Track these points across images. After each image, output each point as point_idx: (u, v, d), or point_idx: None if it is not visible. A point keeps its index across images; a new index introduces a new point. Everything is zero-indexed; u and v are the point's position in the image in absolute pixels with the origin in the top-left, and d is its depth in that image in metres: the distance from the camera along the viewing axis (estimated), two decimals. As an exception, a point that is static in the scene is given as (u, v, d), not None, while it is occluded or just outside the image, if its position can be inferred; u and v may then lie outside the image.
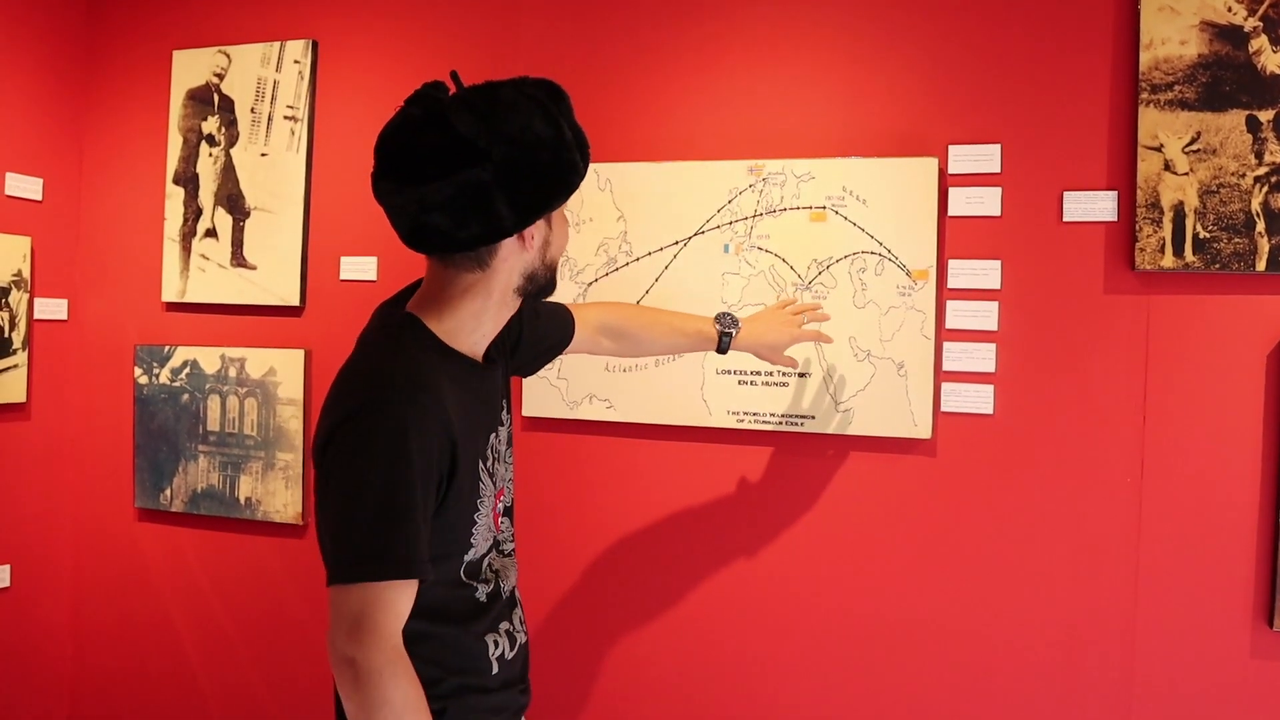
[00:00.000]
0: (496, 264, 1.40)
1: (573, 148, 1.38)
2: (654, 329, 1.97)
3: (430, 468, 1.31)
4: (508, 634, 1.54)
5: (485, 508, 1.46)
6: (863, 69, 2.20)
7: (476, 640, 1.47)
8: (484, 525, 1.47)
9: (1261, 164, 1.91)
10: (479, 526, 1.45)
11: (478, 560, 1.48)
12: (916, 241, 2.12)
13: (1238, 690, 1.97)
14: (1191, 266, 1.95)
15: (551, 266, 1.48)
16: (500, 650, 1.51)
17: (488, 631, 1.49)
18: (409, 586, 1.29)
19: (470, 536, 1.43)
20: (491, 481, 1.48)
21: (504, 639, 1.52)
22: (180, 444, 2.73)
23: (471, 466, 1.42)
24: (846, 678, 2.21)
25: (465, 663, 1.46)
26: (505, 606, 1.54)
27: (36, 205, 2.77)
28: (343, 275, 2.60)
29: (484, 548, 1.48)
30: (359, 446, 1.29)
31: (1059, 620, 2.07)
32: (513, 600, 1.58)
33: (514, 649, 1.55)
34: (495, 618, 1.51)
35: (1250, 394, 1.96)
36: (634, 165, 2.32)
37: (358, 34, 2.61)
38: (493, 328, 1.48)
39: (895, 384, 2.13)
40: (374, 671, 1.26)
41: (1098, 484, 2.04)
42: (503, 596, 1.53)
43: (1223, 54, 1.93)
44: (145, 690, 2.83)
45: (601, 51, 2.39)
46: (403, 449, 1.28)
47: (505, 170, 1.32)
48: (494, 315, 1.46)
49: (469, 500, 1.42)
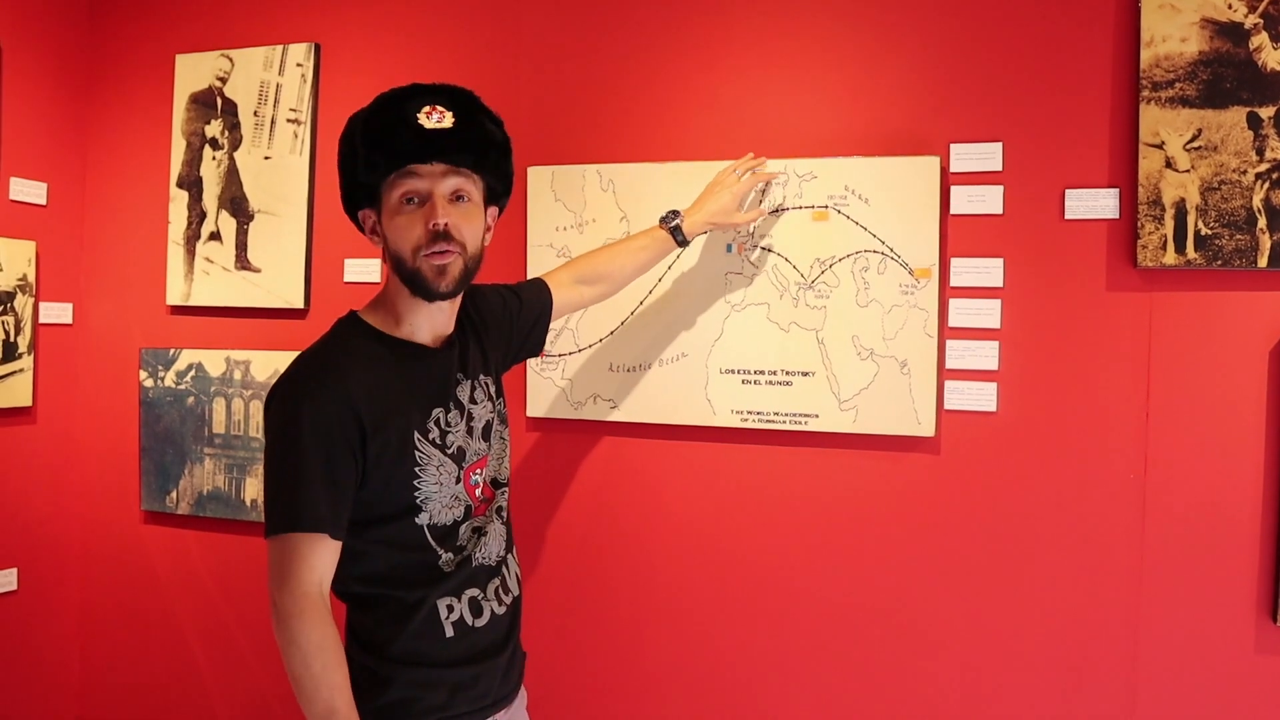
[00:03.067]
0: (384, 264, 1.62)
1: (355, 153, 1.55)
2: (617, 258, 2.07)
3: (330, 433, 1.45)
4: (472, 601, 1.60)
5: (431, 475, 1.55)
6: (864, 68, 2.20)
7: (429, 605, 1.56)
8: (434, 491, 1.55)
9: (1263, 160, 1.92)
10: (424, 493, 1.54)
11: (448, 526, 1.58)
12: (919, 240, 2.13)
13: (1241, 685, 1.97)
14: (1193, 263, 1.96)
15: (398, 261, 1.55)
16: (458, 615, 1.58)
17: (444, 596, 1.57)
18: (317, 540, 1.44)
19: (414, 498, 1.54)
20: (441, 452, 1.56)
21: (464, 606, 1.59)
22: (186, 447, 2.74)
23: (401, 437, 1.52)
24: (852, 674, 2.21)
25: (417, 627, 1.55)
26: (477, 573, 1.61)
27: (41, 210, 2.77)
28: (347, 277, 2.60)
29: (447, 513, 1.57)
30: (269, 424, 1.51)
31: (1063, 616, 2.07)
32: (492, 570, 1.64)
33: (482, 618, 1.61)
34: (460, 583, 1.59)
35: (1253, 390, 1.96)
36: (636, 166, 2.33)
37: (359, 37, 2.61)
38: (419, 321, 1.60)
39: (899, 382, 2.14)
40: (286, 615, 1.42)
41: (1101, 480, 2.05)
42: (474, 563, 1.60)
43: (1223, 51, 1.94)
44: (152, 692, 2.84)
45: (603, 52, 2.40)
46: (295, 423, 1.45)
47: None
48: (411, 307, 1.59)
49: (399, 467, 1.52)
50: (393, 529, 1.53)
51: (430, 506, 1.55)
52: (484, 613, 1.61)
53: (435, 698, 1.55)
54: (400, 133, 1.50)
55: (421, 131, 1.50)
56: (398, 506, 1.53)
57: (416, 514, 1.54)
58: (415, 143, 1.50)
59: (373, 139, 1.51)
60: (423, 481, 1.54)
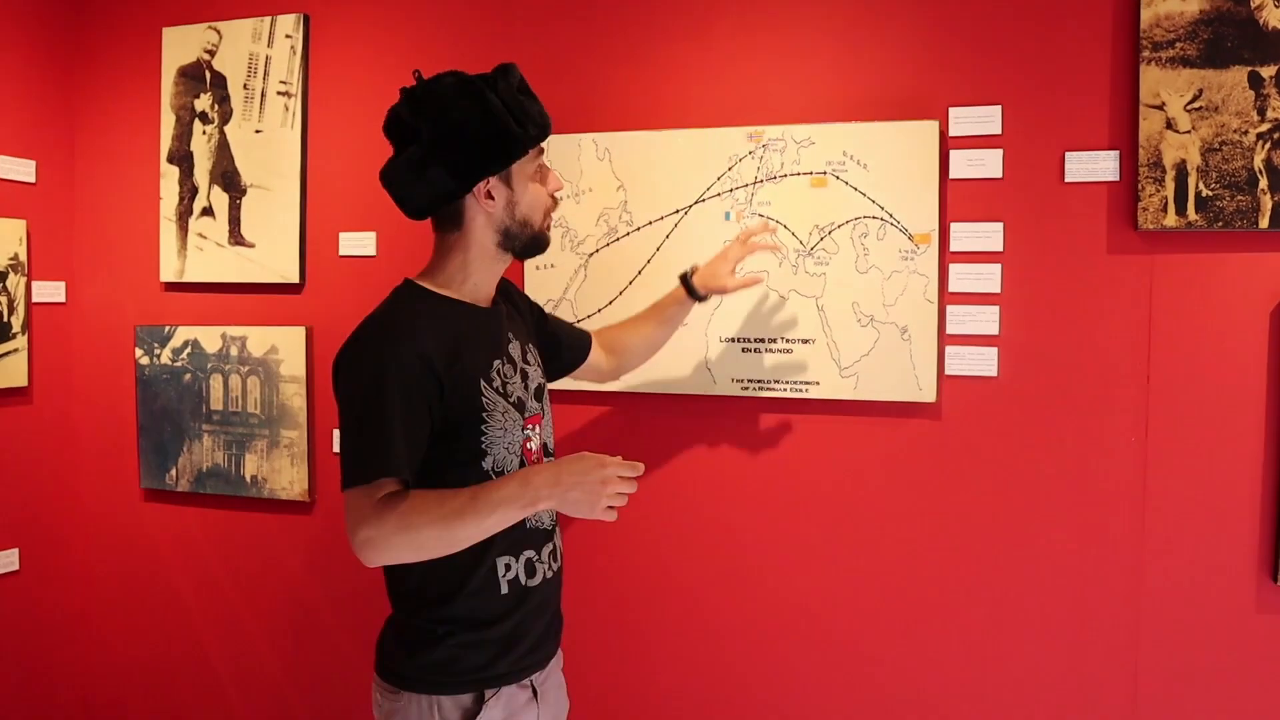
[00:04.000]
0: (467, 224, 1.65)
1: (503, 117, 1.57)
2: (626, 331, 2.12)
3: (409, 387, 1.53)
4: (528, 562, 1.68)
5: (497, 422, 1.63)
6: (861, 32, 2.18)
7: (489, 563, 1.62)
8: (499, 437, 1.63)
9: (1264, 121, 1.90)
10: (489, 438, 1.62)
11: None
12: (918, 205, 2.12)
13: (1243, 645, 1.99)
14: (1194, 225, 1.95)
15: (525, 223, 1.67)
16: (514, 574, 1.65)
17: (504, 554, 1.64)
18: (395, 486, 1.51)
19: (480, 444, 1.61)
20: (504, 400, 1.65)
21: (520, 565, 1.66)
22: (184, 424, 2.73)
23: (470, 384, 1.60)
24: (854, 639, 2.23)
25: (476, 584, 1.61)
26: (530, 535, 1.68)
27: (30, 188, 2.74)
28: (342, 251, 2.59)
29: (511, 461, 1.65)
30: (345, 379, 1.58)
31: (1066, 578, 2.08)
32: (544, 534, 1.72)
33: (534, 578, 1.68)
34: (517, 542, 1.65)
35: (1254, 351, 1.96)
36: (632, 134, 2.31)
37: (349, 7, 2.58)
38: (485, 279, 1.70)
39: (899, 348, 2.14)
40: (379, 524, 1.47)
41: (1102, 443, 2.05)
42: (528, 524, 1.66)
43: (1224, 10, 1.92)
44: (157, 669, 2.85)
45: (597, 19, 2.36)
46: (377, 378, 1.52)
47: (435, 144, 1.58)
48: (479, 268, 1.68)
49: (471, 409, 1.60)
50: (461, 476, 1.58)
51: (495, 452, 1.62)
52: (537, 574, 1.68)
53: (478, 658, 1.62)
54: (539, 108, 1.64)
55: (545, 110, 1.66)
56: (467, 453, 1.60)
57: (483, 458, 1.61)
58: (548, 119, 1.66)
59: (524, 113, 1.60)
60: (489, 427, 1.62)
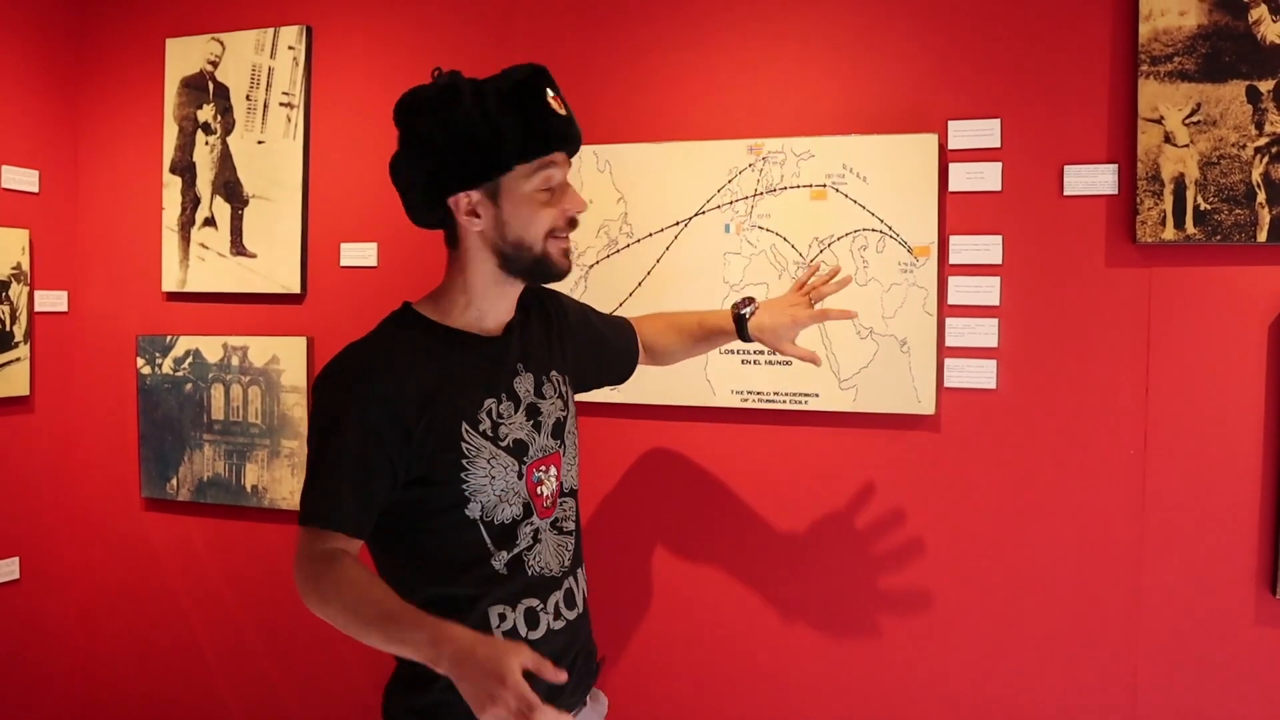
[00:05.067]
0: (462, 244, 1.53)
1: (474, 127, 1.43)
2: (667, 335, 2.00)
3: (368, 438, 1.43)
4: (528, 612, 1.52)
5: (481, 469, 1.49)
6: (861, 46, 2.19)
7: (479, 612, 1.48)
8: (484, 484, 1.49)
9: (1262, 134, 1.91)
10: (472, 485, 1.48)
11: (506, 524, 1.51)
12: (917, 218, 2.12)
13: (1242, 657, 1.99)
14: (1193, 238, 1.96)
15: (519, 246, 1.50)
16: (510, 624, 1.50)
17: (498, 603, 1.50)
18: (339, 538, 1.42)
19: (462, 490, 1.48)
20: (493, 444, 1.51)
21: (519, 615, 1.51)
22: (185, 433, 2.74)
23: (447, 429, 1.48)
24: (853, 651, 2.23)
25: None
26: (532, 584, 1.53)
27: (34, 198, 2.76)
28: (343, 262, 2.59)
29: (505, 509, 1.51)
30: (312, 414, 1.52)
31: (1065, 591, 2.08)
32: (552, 583, 1.56)
33: (537, 630, 1.53)
34: (516, 592, 1.51)
35: (1252, 365, 1.96)
36: (633, 146, 2.32)
37: (352, 19, 2.59)
38: (490, 305, 1.56)
39: (898, 361, 2.14)
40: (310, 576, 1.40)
41: (1102, 456, 2.06)
42: (529, 572, 1.53)
43: (1222, 24, 1.93)
44: (157, 678, 2.85)
45: (598, 32, 2.38)
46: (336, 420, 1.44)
47: (413, 156, 1.48)
48: (483, 293, 1.55)
49: (447, 455, 1.47)
50: (444, 522, 1.49)
51: (481, 499, 1.49)
52: (540, 626, 1.54)
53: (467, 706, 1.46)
54: (550, 118, 1.46)
55: (562, 120, 1.48)
56: (447, 500, 1.48)
57: (465, 505, 1.49)
58: (561, 130, 1.48)
59: (524, 120, 1.44)
60: (470, 474, 1.49)
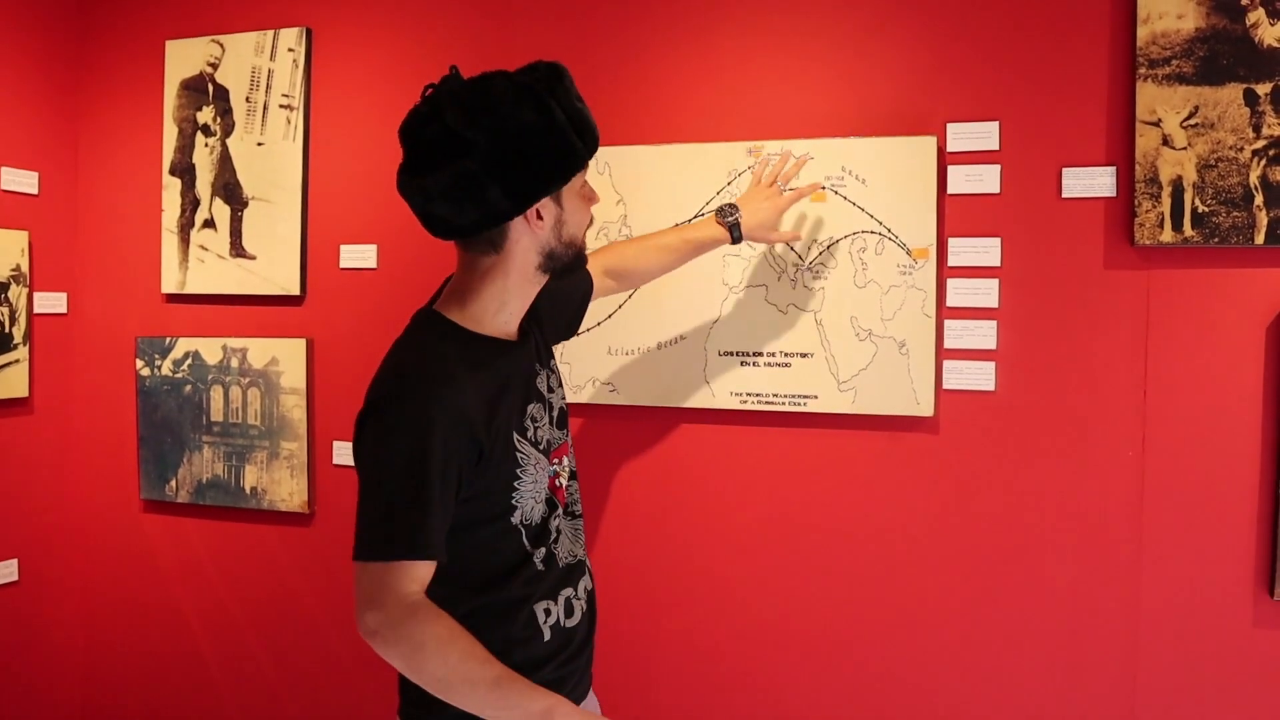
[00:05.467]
0: (510, 246, 1.47)
1: (566, 130, 1.42)
2: (644, 255, 2.01)
3: (449, 459, 1.38)
4: (567, 602, 1.56)
5: (527, 474, 1.51)
6: (860, 48, 2.20)
7: (528, 610, 1.51)
8: (530, 489, 1.51)
9: (1259, 137, 1.92)
10: (521, 493, 1.50)
11: (539, 523, 1.53)
12: (916, 220, 2.13)
13: (1241, 660, 1.99)
14: (1190, 241, 1.96)
15: (571, 244, 1.52)
16: (555, 618, 1.54)
17: (542, 599, 1.52)
18: (427, 567, 1.37)
19: (511, 500, 1.49)
20: (535, 449, 1.53)
21: (560, 607, 1.55)
22: (184, 435, 2.74)
23: (505, 442, 1.47)
24: (851, 653, 2.23)
25: (516, 632, 1.49)
26: (566, 573, 1.58)
27: (33, 199, 2.76)
28: (343, 264, 2.60)
29: (538, 510, 1.53)
30: (380, 436, 1.40)
31: (1063, 593, 2.09)
32: (579, 568, 1.61)
33: (573, 618, 1.57)
34: (555, 584, 1.55)
35: (1250, 366, 1.97)
36: (632, 148, 2.32)
37: (352, 21, 2.59)
38: (520, 305, 1.55)
39: (897, 362, 2.14)
40: (396, 627, 1.34)
41: (1100, 457, 2.06)
42: (560, 563, 1.57)
43: (1220, 27, 1.93)
44: (156, 680, 2.85)
45: (598, 34, 2.38)
46: (419, 443, 1.36)
47: (493, 159, 1.39)
48: (517, 294, 1.53)
49: (505, 471, 1.47)
50: (488, 532, 1.48)
51: (523, 504, 1.50)
52: (575, 613, 1.57)
53: None
54: (592, 120, 1.48)
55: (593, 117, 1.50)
56: (495, 509, 1.47)
57: (511, 514, 1.49)
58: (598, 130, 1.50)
59: (582, 126, 1.46)
60: (521, 482, 1.49)
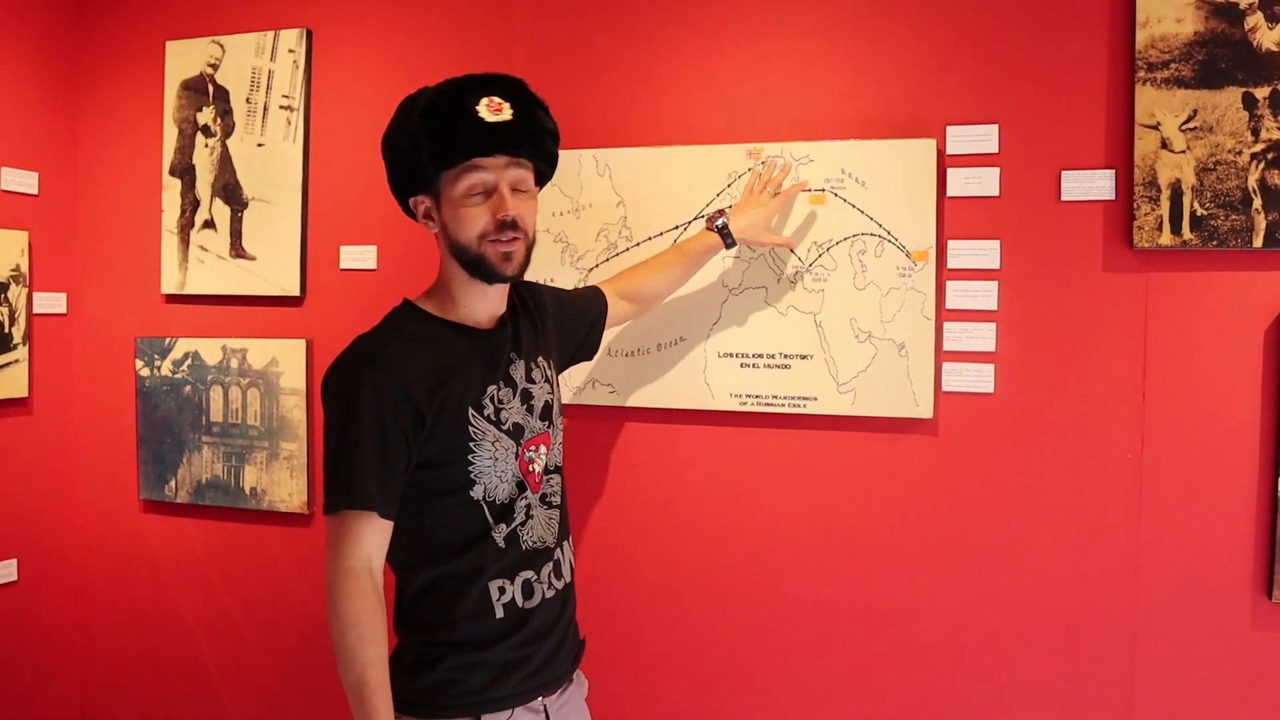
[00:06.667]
0: (439, 241, 1.65)
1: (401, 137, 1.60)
2: (648, 276, 2.13)
3: (384, 419, 1.52)
4: (525, 584, 1.65)
5: (486, 451, 1.61)
6: (860, 51, 2.20)
7: (481, 586, 1.61)
8: (489, 466, 1.61)
9: (1258, 141, 1.92)
10: (478, 467, 1.60)
11: (504, 502, 1.63)
12: (916, 222, 2.13)
13: (1239, 662, 1.99)
14: (1189, 244, 1.97)
15: (460, 247, 1.61)
16: (509, 597, 1.63)
17: (497, 577, 1.62)
18: (367, 517, 1.52)
19: (469, 473, 1.59)
20: (497, 428, 1.62)
21: (516, 588, 1.64)
22: (184, 435, 2.74)
23: (455, 414, 1.58)
24: (850, 655, 2.23)
25: (469, 605, 1.60)
26: (530, 556, 1.66)
27: (33, 199, 2.76)
28: (343, 264, 2.60)
29: (502, 489, 1.63)
30: (326, 405, 1.59)
31: (1062, 595, 2.09)
32: (544, 554, 1.69)
33: (533, 599, 1.65)
34: (513, 565, 1.64)
35: (1248, 369, 1.97)
36: (632, 150, 2.32)
37: (352, 22, 2.59)
38: (474, 301, 1.67)
39: (896, 364, 2.15)
40: (330, 587, 1.51)
41: (1099, 460, 2.06)
42: (523, 545, 1.65)
43: (1219, 31, 1.94)
44: (156, 680, 2.85)
45: (598, 36, 2.38)
46: (352, 405, 1.53)
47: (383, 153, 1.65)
48: (461, 288, 1.66)
49: (457, 439, 1.59)
50: (450, 503, 1.59)
51: (485, 480, 1.61)
52: (535, 596, 1.66)
53: (479, 679, 1.60)
54: (465, 126, 1.54)
55: (485, 126, 1.55)
56: (454, 481, 1.59)
57: (471, 488, 1.60)
58: (480, 137, 1.55)
59: (435, 132, 1.54)
60: (477, 456, 1.60)
